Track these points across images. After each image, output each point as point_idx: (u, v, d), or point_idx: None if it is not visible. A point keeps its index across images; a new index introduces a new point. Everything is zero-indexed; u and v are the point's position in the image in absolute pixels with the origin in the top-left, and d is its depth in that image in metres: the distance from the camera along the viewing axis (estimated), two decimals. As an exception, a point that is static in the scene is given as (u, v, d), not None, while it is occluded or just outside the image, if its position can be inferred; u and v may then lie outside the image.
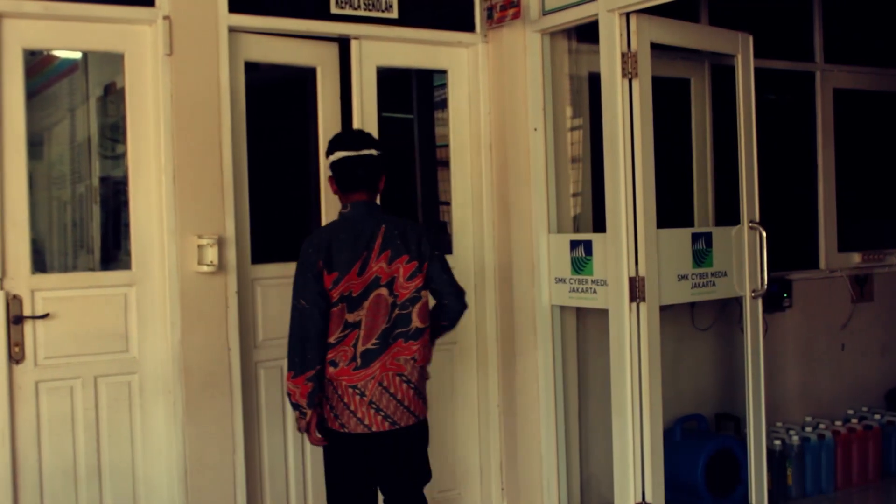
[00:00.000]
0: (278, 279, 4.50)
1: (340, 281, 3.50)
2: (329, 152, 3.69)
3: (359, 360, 3.54)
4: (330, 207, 4.56)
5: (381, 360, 3.56)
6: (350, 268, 3.51)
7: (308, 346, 3.50)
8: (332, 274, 3.50)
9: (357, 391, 3.54)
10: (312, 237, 3.60)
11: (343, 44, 4.67)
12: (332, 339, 3.54)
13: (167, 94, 4.15)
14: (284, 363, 4.49)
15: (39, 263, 4.21)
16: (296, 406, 3.58)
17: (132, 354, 4.17)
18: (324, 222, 4.61)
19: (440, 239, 5.18)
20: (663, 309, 4.31)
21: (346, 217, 3.64)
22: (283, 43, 4.51)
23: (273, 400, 4.51)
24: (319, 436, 3.62)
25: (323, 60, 4.65)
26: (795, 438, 5.31)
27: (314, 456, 4.73)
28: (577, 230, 4.81)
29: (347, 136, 3.82)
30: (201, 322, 4.20)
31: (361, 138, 3.72)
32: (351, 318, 3.53)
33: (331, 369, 3.55)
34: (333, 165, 3.66)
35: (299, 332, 3.52)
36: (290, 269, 4.57)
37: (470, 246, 4.96)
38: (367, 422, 3.55)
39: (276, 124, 5.14)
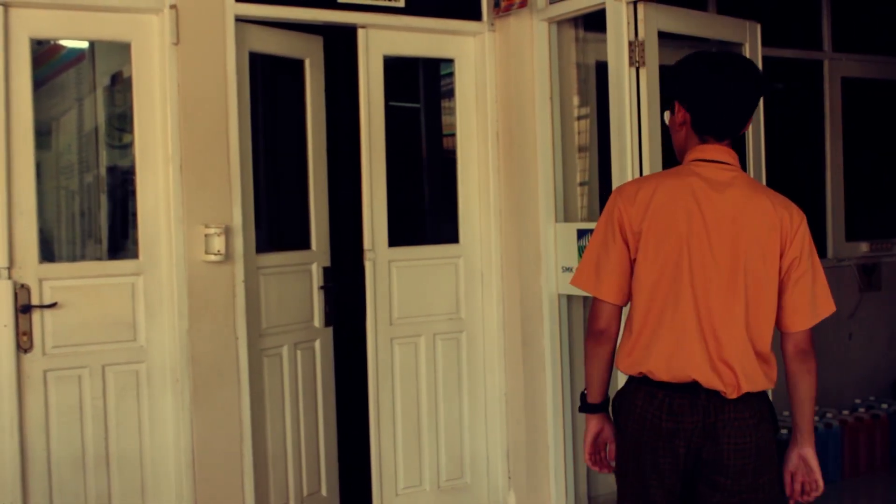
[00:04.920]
0: (280, 268, 4.54)
1: None
2: None
3: None
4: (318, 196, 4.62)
5: None
6: None
7: None
8: None
9: None
10: None
11: (350, 33, 4.67)
12: None
13: (174, 83, 4.15)
14: (286, 351, 4.54)
15: (47, 253, 4.22)
16: None
17: (140, 343, 4.18)
18: (311, 211, 4.70)
19: (446, 227, 5.19)
20: (670, 298, 4.29)
21: None
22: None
23: (275, 388, 4.52)
24: None
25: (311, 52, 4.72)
26: (802, 427, 5.31)
27: (310, 444, 4.76)
28: (584, 219, 4.80)
29: None
30: (209, 311, 4.21)
31: None
32: None
33: None
34: None
35: None
36: (292, 258, 4.62)
37: (476, 234, 4.96)
38: None
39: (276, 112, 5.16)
